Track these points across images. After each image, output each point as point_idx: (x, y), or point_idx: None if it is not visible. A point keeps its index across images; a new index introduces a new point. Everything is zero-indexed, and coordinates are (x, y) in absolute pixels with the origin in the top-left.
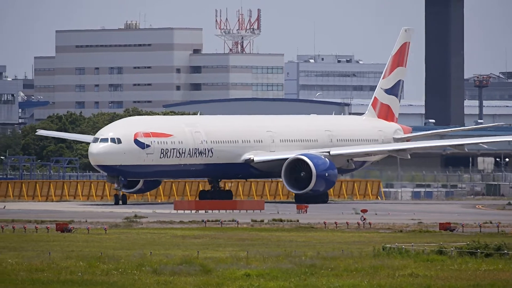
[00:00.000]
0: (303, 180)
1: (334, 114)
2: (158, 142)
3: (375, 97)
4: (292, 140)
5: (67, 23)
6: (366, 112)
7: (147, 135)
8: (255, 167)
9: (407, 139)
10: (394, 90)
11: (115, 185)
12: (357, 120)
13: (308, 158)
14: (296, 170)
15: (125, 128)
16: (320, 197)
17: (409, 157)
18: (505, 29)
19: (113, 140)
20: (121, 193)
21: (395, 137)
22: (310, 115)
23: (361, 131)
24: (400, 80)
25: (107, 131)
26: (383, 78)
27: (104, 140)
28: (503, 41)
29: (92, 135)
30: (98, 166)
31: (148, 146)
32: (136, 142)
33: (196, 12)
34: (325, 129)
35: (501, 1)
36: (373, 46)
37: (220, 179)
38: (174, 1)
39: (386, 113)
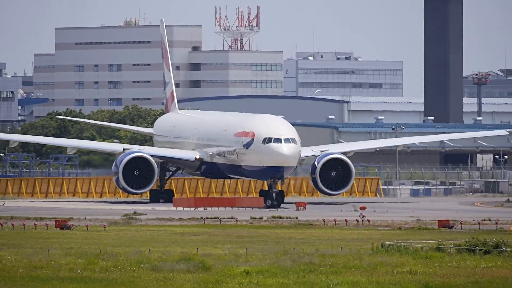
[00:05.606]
0: (335, 180)
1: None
2: None
3: (173, 91)
4: None
5: (67, 20)
6: (177, 107)
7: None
8: None
9: None
10: None
11: (273, 188)
12: (205, 114)
13: (347, 158)
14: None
15: (288, 128)
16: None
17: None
18: (504, 26)
19: (293, 140)
20: (274, 195)
21: None
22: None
23: None
24: None
25: (280, 130)
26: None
27: (287, 140)
28: (502, 39)
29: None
30: (277, 167)
31: None
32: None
33: (195, 9)
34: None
35: None
36: (372, 44)
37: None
38: None
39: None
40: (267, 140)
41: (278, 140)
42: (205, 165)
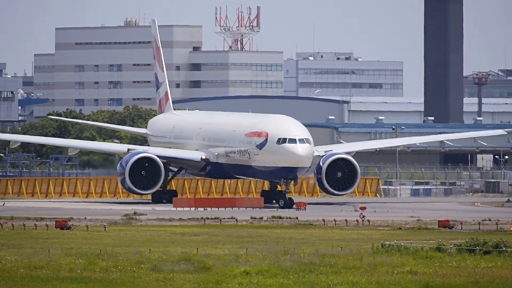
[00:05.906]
0: (341, 180)
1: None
2: None
3: (167, 91)
4: None
5: (67, 21)
6: (172, 107)
7: None
8: None
9: None
10: None
11: (286, 189)
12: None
13: (352, 158)
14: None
15: (301, 128)
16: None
17: None
18: (504, 26)
19: (307, 141)
20: (288, 196)
21: None
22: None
23: None
24: None
25: (294, 130)
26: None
27: (302, 141)
28: (502, 38)
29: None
30: (291, 167)
31: None
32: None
33: (195, 9)
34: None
35: None
36: (372, 44)
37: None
38: None
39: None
40: (282, 141)
41: (292, 141)
42: (210, 165)
